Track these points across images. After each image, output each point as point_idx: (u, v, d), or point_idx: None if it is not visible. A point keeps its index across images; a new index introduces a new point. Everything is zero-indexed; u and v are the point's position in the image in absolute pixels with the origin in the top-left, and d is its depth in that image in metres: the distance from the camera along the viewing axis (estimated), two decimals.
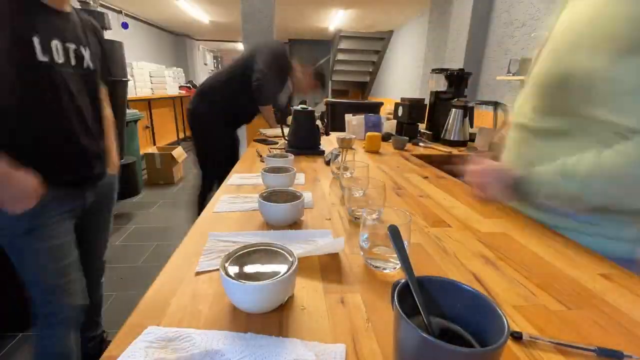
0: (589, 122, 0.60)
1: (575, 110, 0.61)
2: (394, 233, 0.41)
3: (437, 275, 0.36)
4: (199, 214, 0.75)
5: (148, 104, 4.60)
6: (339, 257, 0.58)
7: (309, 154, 1.41)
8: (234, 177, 1.05)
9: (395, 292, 0.32)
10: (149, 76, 4.64)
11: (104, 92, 1.05)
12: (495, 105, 1.83)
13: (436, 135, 1.96)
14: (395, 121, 2.09)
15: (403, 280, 0.35)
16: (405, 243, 0.53)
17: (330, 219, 0.75)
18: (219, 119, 1.96)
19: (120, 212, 2.96)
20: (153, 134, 4.71)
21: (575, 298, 0.49)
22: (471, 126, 1.95)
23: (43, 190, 0.81)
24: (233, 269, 0.44)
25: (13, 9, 0.74)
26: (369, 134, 1.57)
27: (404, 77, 5.79)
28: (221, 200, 0.84)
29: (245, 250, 0.48)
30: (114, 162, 1.09)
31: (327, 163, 1.27)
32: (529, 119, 0.71)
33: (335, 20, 6.01)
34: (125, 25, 4.61)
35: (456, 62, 2.81)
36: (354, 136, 1.53)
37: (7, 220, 0.80)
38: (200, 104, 1.96)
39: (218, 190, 0.92)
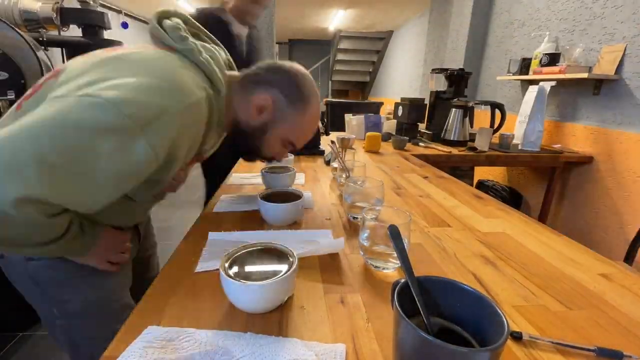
0: None
1: None
2: (394, 233, 0.41)
3: (437, 275, 0.36)
4: None
5: None
6: (339, 257, 0.58)
7: (309, 154, 1.41)
8: (234, 177, 1.05)
9: (395, 292, 0.32)
10: None
11: None
12: (493, 105, 1.83)
13: (436, 135, 1.96)
14: (395, 121, 2.09)
15: (403, 280, 0.35)
16: (405, 243, 0.53)
17: (330, 219, 0.75)
18: None
19: None
20: None
21: (575, 298, 0.49)
22: (471, 126, 1.95)
23: None
24: (233, 269, 0.44)
25: None
26: (368, 134, 1.57)
27: (404, 77, 5.79)
28: (221, 200, 0.84)
29: (245, 250, 0.48)
30: None
31: (327, 163, 1.27)
32: None
33: (335, 20, 6.01)
34: (125, 25, 4.60)
35: (456, 62, 2.81)
36: (353, 136, 1.53)
37: None
38: None
39: (218, 190, 0.92)
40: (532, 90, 1.79)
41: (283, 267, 0.44)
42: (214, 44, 0.71)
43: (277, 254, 0.48)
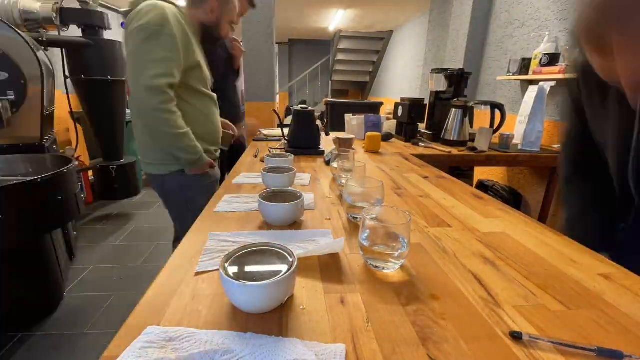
0: None
1: None
2: None
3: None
4: None
5: None
6: (339, 257, 0.58)
7: (309, 154, 1.41)
8: (240, 176, 1.05)
9: None
10: None
11: None
12: (493, 105, 1.83)
13: (436, 135, 1.96)
14: (395, 121, 2.09)
15: None
16: (405, 243, 0.53)
17: (330, 219, 0.75)
18: None
19: (120, 212, 2.96)
20: None
21: (575, 298, 0.49)
22: (471, 126, 1.95)
23: None
24: (233, 269, 0.44)
25: None
26: (369, 134, 1.57)
27: (404, 77, 5.79)
28: (222, 200, 0.84)
29: (245, 250, 0.48)
30: None
31: (327, 163, 1.27)
32: None
33: (335, 20, 6.01)
34: (125, 25, 4.61)
35: (456, 62, 2.81)
36: (352, 136, 1.53)
37: None
38: None
39: (219, 190, 0.92)
40: (532, 91, 1.80)
41: (283, 267, 0.44)
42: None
43: (277, 254, 0.48)
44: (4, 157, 1.65)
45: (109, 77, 2.68)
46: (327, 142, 1.69)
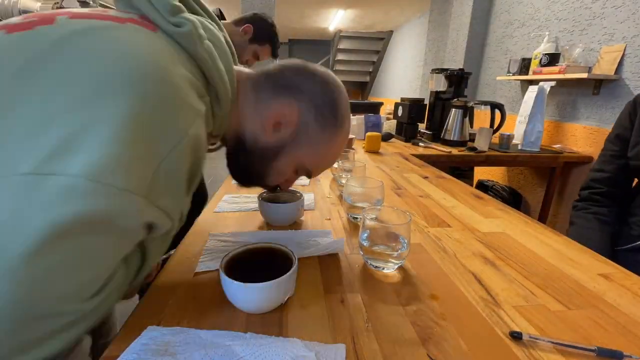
0: None
1: None
2: None
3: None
4: None
5: None
6: (339, 257, 0.58)
7: None
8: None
9: None
10: None
11: None
12: (493, 105, 1.83)
13: (436, 135, 1.96)
14: (395, 121, 2.09)
15: None
16: (405, 243, 0.53)
17: (330, 219, 0.75)
18: None
19: None
20: None
21: (575, 298, 0.49)
22: (471, 126, 1.95)
23: None
24: (233, 269, 0.44)
25: None
26: (368, 134, 1.57)
27: (404, 77, 5.79)
28: (222, 200, 0.84)
29: (245, 250, 0.48)
30: None
31: None
32: None
33: (335, 20, 6.01)
34: None
35: (456, 62, 2.81)
36: (352, 136, 1.53)
37: None
38: None
39: (219, 190, 0.92)
40: (532, 90, 1.80)
41: (283, 267, 0.44)
42: (208, 18, 0.47)
43: (277, 254, 0.48)
44: None
45: None
46: None
